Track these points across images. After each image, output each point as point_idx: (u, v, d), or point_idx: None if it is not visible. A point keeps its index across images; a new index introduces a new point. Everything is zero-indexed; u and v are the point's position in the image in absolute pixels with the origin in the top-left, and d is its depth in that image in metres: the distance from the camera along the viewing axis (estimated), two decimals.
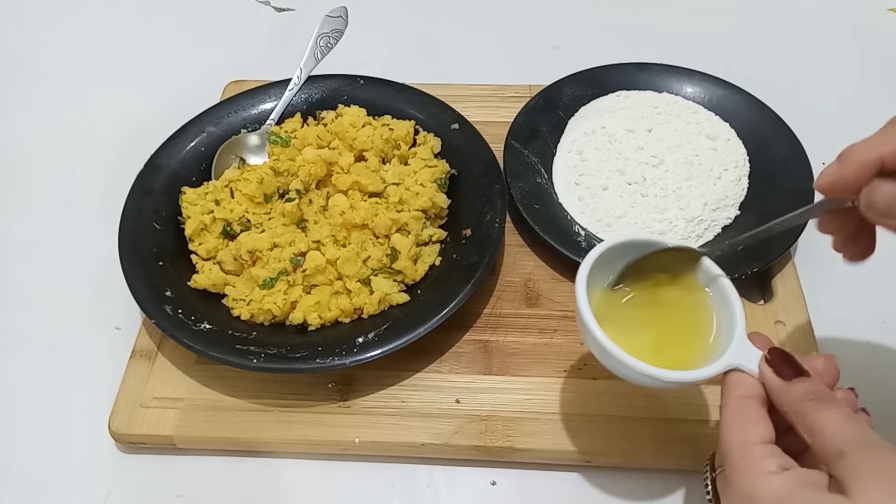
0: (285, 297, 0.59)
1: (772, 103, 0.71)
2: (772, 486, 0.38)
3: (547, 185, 0.69)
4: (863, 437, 0.38)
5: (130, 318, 0.63)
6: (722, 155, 0.68)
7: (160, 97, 0.83)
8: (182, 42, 0.91)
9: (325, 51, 0.73)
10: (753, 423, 0.41)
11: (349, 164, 0.67)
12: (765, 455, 0.40)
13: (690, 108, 0.72)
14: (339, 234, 0.62)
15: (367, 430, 0.56)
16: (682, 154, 0.67)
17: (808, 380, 0.42)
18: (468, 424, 0.56)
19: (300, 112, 0.72)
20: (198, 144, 0.70)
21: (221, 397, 0.58)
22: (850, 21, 0.90)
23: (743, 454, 0.40)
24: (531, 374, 0.58)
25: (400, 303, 0.60)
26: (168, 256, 0.63)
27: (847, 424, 0.39)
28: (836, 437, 0.38)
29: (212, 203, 0.65)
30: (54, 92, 0.86)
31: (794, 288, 0.62)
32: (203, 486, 0.56)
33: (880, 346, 0.61)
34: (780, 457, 0.40)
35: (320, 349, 0.56)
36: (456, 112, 0.71)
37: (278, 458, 0.57)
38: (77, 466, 0.57)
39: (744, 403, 0.42)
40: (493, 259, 0.60)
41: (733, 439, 0.41)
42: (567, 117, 0.73)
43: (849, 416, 0.39)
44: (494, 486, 0.55)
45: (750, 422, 0.41)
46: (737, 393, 0.43)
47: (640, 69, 0.75)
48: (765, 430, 0.41)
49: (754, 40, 0.88)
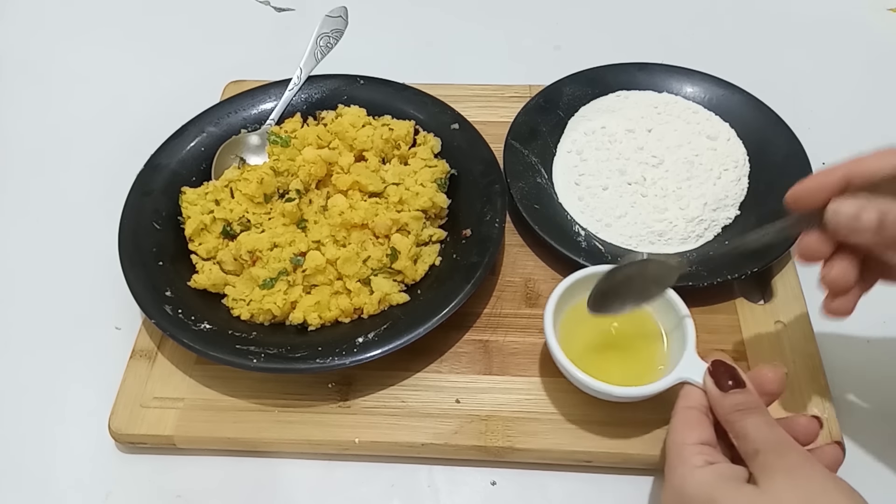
0: (285, 297, 0.59)
1: (772, 103, 0.71)
2: (697, 477, 0.43)
3: (547, 185, 0.69)
4: (776, 439, 0.44)
5: (130, 318, 0.63)
6: (722, 155, 0.68)
7: (160, 97, 0.83)
8: (182, 42, 0.92)
9: (325, 51, 0.73)
10: (690, 428, 0.46)
11: (349, 164, 0.67)
12: (694, 453, 0.45)
13: (690, 108, 0.72)
14: (338, 234, 0.62)
15: (367, 430, 0.56)
16: (682, 154, 0.67)
17: (742, 392, 0.46)
18: (468, 424, 0.56)
19: (300, 112, 0.72)
20: (198, 144, 0.70)
21: (221, 397, 0.58)
22: (850, 21, 0.90)
23: (677, 453, 0.45)
24: (531, 374, 0.58)
25: (400, 303, 0.60)
26: (168, 256, 0.63)
27: (765, 429, 0.44)
28: (755, 440, 0.44)
29: (212, 203, 0.65)
30: (54, 92, 0.86)
31: (794, 288, 0.62)
32: (203, 486, 0.56)
33: (880, 346, 0.61)
34: (710, 455, 0.45)
35: (320, 349, 0.56)
36: (456, 112, 0.71)
37: (278, 458, 0.57)
38: (77, 466, 0.57)
39: (687, 413, 0.48)
40: (493, 259, 0.60)
41: (673, 442, 0.46)
42: (567, 117, 0.73)
43: (769, 422, 0.45)
44: (494, 486, 0.55)
45: (688, 427, 0.47)
46: (683, 404, 0.48)
47: (640, 69, 0.75)
48: (700, 433, 0.46)
49: (754, 40, 0.88)
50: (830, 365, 0.58)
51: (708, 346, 0.56)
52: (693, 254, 0.64)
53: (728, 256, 0.53)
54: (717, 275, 0.57)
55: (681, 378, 0.51)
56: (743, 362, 0.58)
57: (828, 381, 0.56)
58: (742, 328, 0.60)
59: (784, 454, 0.43)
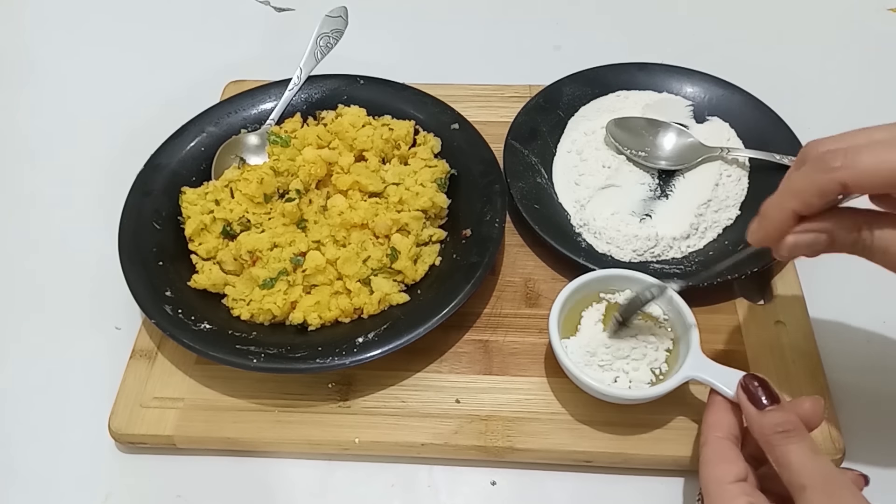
0: (285, 297, 0.59)
1: (772, 103, 0.71)
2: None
3: (547, 185, 0.69)
4: (823, 473, 0.43)
5: (130, 318, 0.63)
6: None
7: (160, 97, 0.83)
8: (182, 42, 0.92)
9: (325, 51, 0.73)
10: (728, 463, 0.46)
11: (349, 164, 0.67)
12: (736, 494, 0.45)
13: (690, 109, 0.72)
14: (338, 235, 0.62)
15: (367, 430, 0.56)
16: None
17: (780, 410, 0.46)
18: (468, 424, 0.56)
19: (300, 112, 0.72)
20: (198, 144, 0.69)
21: (221, 397, 0.58)
22: (850, 21, 0.90)
23: (719, 492, 0.45)
24: (531, 374, 0.58)
25: (400, 303, 0.60)
26: (168, 256, 0.62)
27: (810, 461, 0.43)
28: (801, 472, 0.43)
29: (212, 203, 0.65)
30: (54, 92, 0.86)
31: (794, 288, 0.62)
32: (203, 486, 0.56)
33: (880, 346, 0.61)
34: (751, 494, 0.45)
35: (320, 349, 0.56)
36: (456, 112, 0.71)
37: (278, 458, 0.57)
38: (77, 466, 0.57)
39: (721, 444, 0.48)
40: (493, 259, 0.60)
41: (711, 477, 0.46)
42: (567, 117, 0.73)
43: (813, 451, 0.44)
44: (494, 486, 0.55)
45: (725, 461, 0.47)
46: (714, 434, 0.48)
47: (640, 69, 0.75)
48: (738, 468, 0.46)
49: (754, 40, 0.88)
50: (830, 365, 0.58)
51: (708, 346, 0.56)
52: (693, 254, 0.64)
53: (728, 256, 0.53)
54: (717, 275, 0.57)
55: (687, 377, 0.51)
56: (743, 362, 0.58)
57: (828, 381, 0.56)
58: (742, 328, 0.60)
59: (832, 492, 0.42)
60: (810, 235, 0.44)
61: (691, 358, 0.52)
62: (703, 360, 0.52)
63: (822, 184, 0.42)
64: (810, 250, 0.45)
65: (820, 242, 0.44)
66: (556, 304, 0.55)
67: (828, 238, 0.44)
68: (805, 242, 0.44)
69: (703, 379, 0.51)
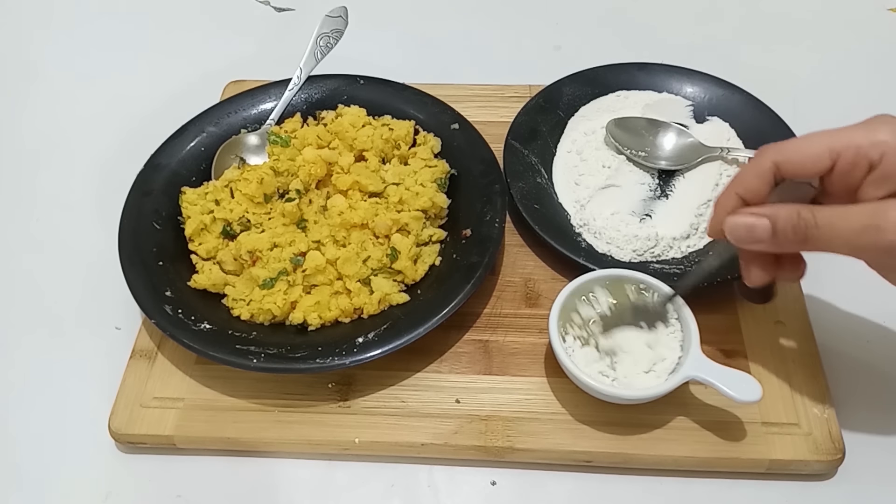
0: (285, 297, 0.59)
1: (772, 103, 0.71)
2: None
3: (547, 185, 0.69)
4: None
5: (130, 318, 0.63)
6: None
7: (160, 97, 0.83)
8: (182, 42, 0.92)
9: (325, 51, 0.73)
10: None
11: (349, 164, 0.67)
12: None
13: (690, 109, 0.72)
14: (338, 235, 0.62)
15: (367, 430, 0.56)
16: None
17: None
18: (468, 424, 0.56)
19: (300, 112, 0.72)
20: (198, 144, 0.70)
21: (221, 397, 0.58)
22: (850, 21, 0.90)
23: None
24: (531, 374, 0.58)
25: (400, 303, 0.60)
26: (168, 256, 0.62)
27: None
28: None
29: (212, 203, 0.65)
30: (54, 92, 0.86)
31: (794, 288, 0.62)
32: (203, 486, 0.56)
33: (880, 346, 0.61)
34: None
35: (320, 349, 0.56)
36: (456, 112, 0.71)
37: (278, 458, 0.57)
38: (77, 466, 0.57)
39: None
40: (493, 259, 0.60)
41: None
42: (567, 117, 0.73)
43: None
44: (494, 486, 0.55)
45: None
46: None
47: (640, 69, 0.75)
48: None
49: (754, 40, 0.88)
50: (830, 365, 0.58)
51: (708, 346, 0.56)
52: (693, 254, 0.64)
53: (728, 256, 0.53)
54: (717, 275, 0.57)
55: (687, 377, 0.51)
56: (743, 362, 0.58)
57: (828, 381, 0.56)
58: (742, 328, 0.60)
59: None
60: (750, 218, 0.47)
61: (691, 358, 0.52)
62: (703, 360, 0.52)
63: (757, 164, 0.46)
64: (751, 235, 0.47)
65: (761, 227, 0.46)
66: (556, 304, 0.55)
67: (770, 224, 0.46)
68: (743, 223, 0.47)
69: (703, 379, 0.51)
